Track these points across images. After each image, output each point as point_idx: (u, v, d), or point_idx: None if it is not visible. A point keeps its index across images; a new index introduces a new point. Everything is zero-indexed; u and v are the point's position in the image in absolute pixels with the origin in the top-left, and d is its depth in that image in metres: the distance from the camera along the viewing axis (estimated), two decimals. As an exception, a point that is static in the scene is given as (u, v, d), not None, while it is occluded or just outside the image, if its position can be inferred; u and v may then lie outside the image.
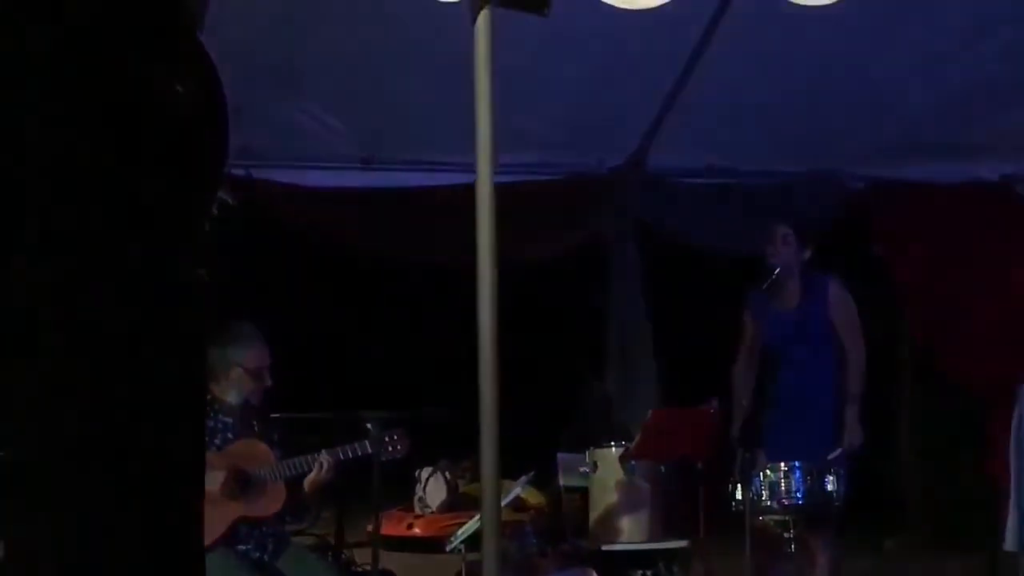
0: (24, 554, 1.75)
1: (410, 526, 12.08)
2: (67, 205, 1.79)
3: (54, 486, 1.79)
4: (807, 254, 6.62)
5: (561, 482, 7.06)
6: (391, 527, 11.30)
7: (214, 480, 5.52)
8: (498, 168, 2.68)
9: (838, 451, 6.27)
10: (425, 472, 12.61)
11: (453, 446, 11.01)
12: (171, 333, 1.91)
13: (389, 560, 7.42)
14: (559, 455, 7.19)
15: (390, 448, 5.92)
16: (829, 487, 6.07)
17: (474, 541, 5.84)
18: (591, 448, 6.78)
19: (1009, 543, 7.98)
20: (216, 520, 5.50)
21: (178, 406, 1.91)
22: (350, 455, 5.85)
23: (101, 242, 1.82)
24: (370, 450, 5.84)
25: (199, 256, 1.97)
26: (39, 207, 1.78)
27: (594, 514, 6.70)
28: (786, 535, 6.06)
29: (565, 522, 7.12)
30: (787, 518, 6.07)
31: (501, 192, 2.67)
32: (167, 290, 1.90)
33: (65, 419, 1.80)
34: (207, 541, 5.20)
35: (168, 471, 1.88)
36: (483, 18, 2.68)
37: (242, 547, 5.67)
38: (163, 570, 1.86)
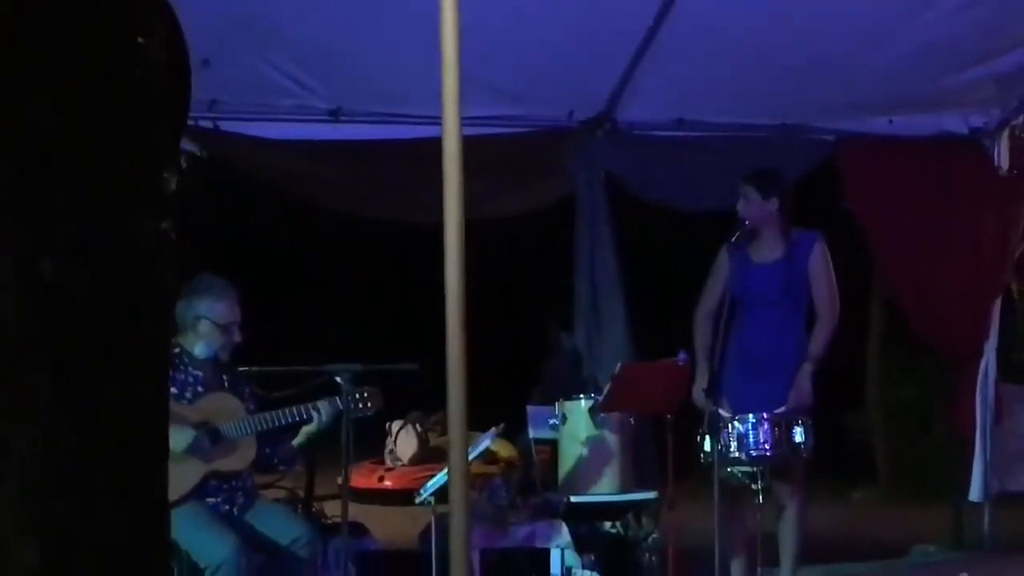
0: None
1: (381, 479, 12.12)
2: (26, 160, 1.78)
3: (21, 441, 1.79)
4: (774, 205, 6.52)
5: (530, 435, 7.07)
6: (362, 480, 11.35)
7: (185, 434, 5.51)
8: (466, 121, 2.67)
9: (781, 410, 6.21)
10: (396, 425, 12.65)
11: (424, 400, 11.03)
12: (136, 287, 1.90)
13: (359, 512, 7.44)
14: (528, 407, 7.19)
15: (361, 405, 5.91)
16: (797, 438, 6.09)
17: (444, 493, 5.86)
18: (560, 400, 6.80)
19: (975, 494, 8.09)
20: (187, 474, 5.50)
21: (143, 360, 1.91)
22: (330, 410, 5.83)
23: (63, 197, 1.81)
24: (340, 406, 5.83)
25: (164, 209, 1.96)
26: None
27: (563, 466, 6.72)
28: (754, 486, 6.09)
29: (534, 474, 7.14)
30: (755, 469, 6.09)
31: (469, 145, 2.66)
32: (131, 244, 1.89)
33: (32, 376, 1.80)
34: (177, 495, 5.24)
35: (133, 424, 1.88)
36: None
37: (211, 500, 5.67)
38: (128, 522, 1.86)
